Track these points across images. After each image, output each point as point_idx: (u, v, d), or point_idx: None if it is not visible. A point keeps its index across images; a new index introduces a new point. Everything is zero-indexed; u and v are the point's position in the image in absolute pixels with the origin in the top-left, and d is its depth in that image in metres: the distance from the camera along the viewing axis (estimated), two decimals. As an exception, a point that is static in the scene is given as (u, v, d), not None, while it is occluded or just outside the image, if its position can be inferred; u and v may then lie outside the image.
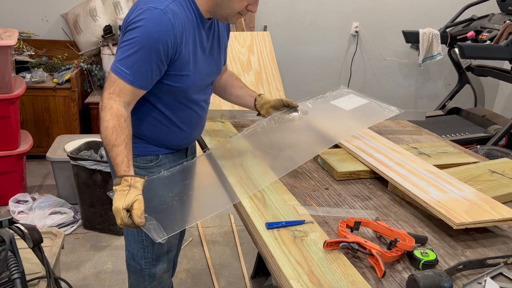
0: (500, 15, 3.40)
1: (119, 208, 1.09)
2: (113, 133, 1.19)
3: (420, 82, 4.59)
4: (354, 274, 0.99)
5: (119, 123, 1.20)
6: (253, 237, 1.18)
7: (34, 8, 3.66)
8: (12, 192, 2.82)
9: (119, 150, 1.18)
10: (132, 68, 1.22)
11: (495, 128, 3.29)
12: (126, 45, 1.23)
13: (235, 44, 3.10)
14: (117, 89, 1.23)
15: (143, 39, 1.20)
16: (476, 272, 1.05)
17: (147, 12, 1.21)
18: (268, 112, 1.62)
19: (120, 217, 1.09)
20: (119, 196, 1.11)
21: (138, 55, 1.21)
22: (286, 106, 1.61)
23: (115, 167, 1.18)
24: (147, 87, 1.28)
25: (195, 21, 1.31)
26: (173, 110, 1.40)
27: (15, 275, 1.25)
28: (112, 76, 1.24)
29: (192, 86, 1.37)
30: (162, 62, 1.25)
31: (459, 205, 1.23)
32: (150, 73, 1.25)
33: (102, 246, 2.59)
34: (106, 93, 1.24)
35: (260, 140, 1.51)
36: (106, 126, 1.20)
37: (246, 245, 2.65)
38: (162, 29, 1.21)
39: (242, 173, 1.38)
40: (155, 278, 1.58)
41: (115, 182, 1.15)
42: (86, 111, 3.60)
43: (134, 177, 1.15)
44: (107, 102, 1.22)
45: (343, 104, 1.66)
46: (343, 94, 1.70)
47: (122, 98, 1.23)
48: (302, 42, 4.20)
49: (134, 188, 1.13)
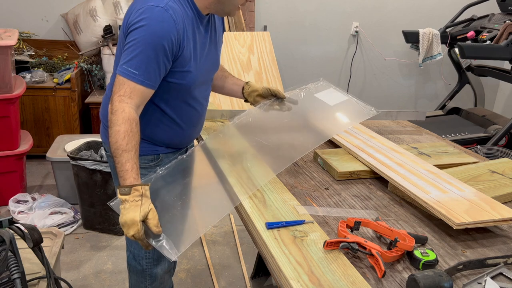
0: (500, 15, 3.40)
1: (136, 220, 1.05)
2: (124, 138, 1.15)
3: (420, 82, 4.59)
4: (354, 274, 0.99)
5: (131, 128, 1.17)
6: (253, 237, 1.18)
7: (34, 8, 3.66)
8: (12, 192, 2.82)
9: (129, 156, 1.15)
10: (141, 68, 1.20)
11: (495, 128, 3.29)
12: (130, 46, 1.21)
13: (235, 44, 3.10)
14: (127, 91, 1.19)
15: (148, 38, 1.19)
16: (476, 272, 1.05)
17: (148, 11, 1.20)
18: (255, 101, 1.61)
19: (136, 229, 1.06)
20: (133, 207, 1.08)
21: (144, 55, 1.20)
22: (273, 95, 1.59)
23: (122, 173, 1.14)
24: (156, 87, 1.27)
25: (193, 17, 1.31)
26: (174, 109, 1.40)
27: (15, 275, 1.25)
28: (121, 79, 1.21)
29: (195, 82, 1.37)
30: (168, 59, 1.24)
31: (459, 205, 1.23)
32: (158, 72, 1.24)
33: (102, 246, 2.59)
34: (116, 96, 1.20)
35: (254, 134, 1.50)
36: (118, 130, 1.16)
37: (246, 245, 2.65)
38: (165, 27, 1.20)
39: (242, 173, 1.37)
40: (156, 278, 1.58)
41: (123, 191, 1.11)
42: (86, 111, 3.60)
43: (143, 186, 1.12)
44: (119, 105, 1.18)
45: (326, 98, 1.63)
46: (324, 88, 1.68)
47: (133, 100, 1.20)
48: (302, 42, 4.20)
49: (146, 197, 1.10)
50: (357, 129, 1.85)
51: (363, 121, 1.99)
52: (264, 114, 1.55)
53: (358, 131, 1.82)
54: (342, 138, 1.72)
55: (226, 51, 3.06)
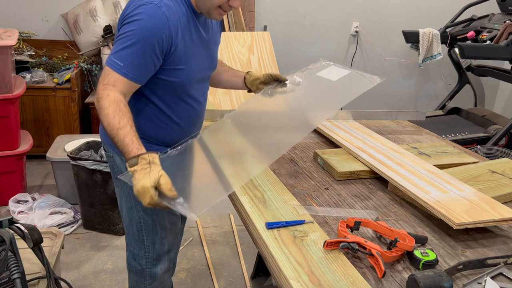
0: (500, 15, 3.40)
1: (146, 186, 1.04)
2: (115, 117, 1.15)
3: (420, 82, 4.59)
4: (354, 274, 0.99)
5: (119, 107, 1.17)
6: (253, 237, 1.18)
7: (34, 8, 3.66)
8: (12, 192, 2.82)
9: (125, 131, 1.14)
10: (126, 60, 1.22)
11: (495, 128, 3.29)
12: (121, 38, 1.23)
13: (235, 44, 3.10)
14: (111, 80, 1.21)
15: (138, 33, 1.21)
16: (476, 272, 1.05)
17: (143, 6, 1.22)
18: (258, 88, 1.61)
19: (149, 196, 1.04)
20: (142, 175, 1.06)
21: (132, 49, 1.21)
22: (275, 80, 1.59)
23: (125, 148, 1.13)
24: (141, 81, 1.27)
25: (190, 15, 1.31)
26: (171, 107, 1.40)
27: (15, 275, 1.25)
28: (107, 69, 1.23)
29: (190, 80, 1.37)
30: (157, 57, 1.25)
31: (459, 205, 1.23)
32: (144, 67, 1.25)
33: (102, 246, 2.59)
34: (100, 85, 1.22)
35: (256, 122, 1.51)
36: (107, 113, 1.16)
37: (246, 245, 2.65)
38: (157, 24, 1.21)
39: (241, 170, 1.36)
40: (156, 278, 1.58)
41: (131, 163, 1.10)
42: (86, 111, 3.60)
43: (150, 154, 1.11)
44: (103, 92, 1.20)
45: (329, 75, 1.65)
46: (325, 66, 1.71)
47: (117, 88, 1.21)
48: (302, 42, 4.20)
49: (154, 164, 1.09)
50: (357, 129, 1.85)
51: (363, 121, 2.00)
52: (269, 99, 1.56)
53: (358, 131, 1.82)
54: (342, 138, 1.72)
55: (226, 51, 3.06)
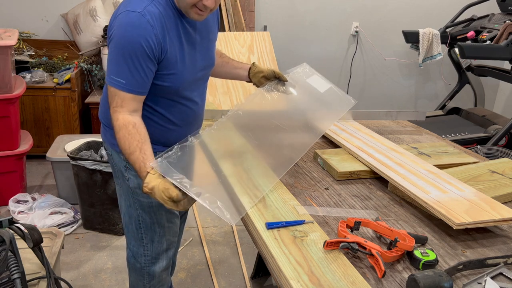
0: (500, 15, 3.40)
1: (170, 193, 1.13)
2: (125, 143, 1.24)
3: (420, 82, 4.59)
4: (354, 274, 0.99)
5: (128, 131, 1.24)
6: (253, 237, 1.18)
7: (34, 8, 3.66)
8: (12, 192, 2.82)
9: (134, 157, 1.23)
10: (127, 77, 1.24)
11: (495, 128, 3.29)
12: (113, 54, 1.25)
13: (235, 44, 3.10)
14: (119, 102, 1.26)
15: (126, 46, 1.22)
16: (476, 272, 1.05)
17: (126, 17, 1.22)
18: (260, 82, 1.65)
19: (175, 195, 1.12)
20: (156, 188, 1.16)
21: (127, 63, 1.23)
22: (276, 78, 1.64)
23: (138, 173, 1.24)
24: (145, 91, 1.30)
25: (177, 18, 1.30)
26: (167, 109, 1.40)
27: (15, 275, 1.25)
28: (112, 90, 1.27)
29: (183, 84, 1.37)
30: (152, 62, 1.26)
31: (459, 205, 1.23)
32: (144, 76, 1.26)
33: (102, 246, 2.59)
34: (111, 108, 1.28)
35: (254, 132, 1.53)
36: (118, 137, 1.26)
37: (246, 245, 2.65)
38: (141, 32, 1.21)
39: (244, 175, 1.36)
40: (154, 276, 1.59)
41: None
42: (86, 111, 3.60)
43: (149, 176, 1.18)
44: (113, 116, 1.27)
45: (316, 85, 1.75)
46: (309, 74, 1.80)
47: (124, 108, 1.27)
48: (302, 42, 4.20)
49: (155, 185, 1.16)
50: (357, 129, 1.85)
51: (363, 121, 2.00)
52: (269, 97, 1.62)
53: (358, 131, 1.82)
54: (342, 138, 1.72)
55: (226, 51, 3.06)
